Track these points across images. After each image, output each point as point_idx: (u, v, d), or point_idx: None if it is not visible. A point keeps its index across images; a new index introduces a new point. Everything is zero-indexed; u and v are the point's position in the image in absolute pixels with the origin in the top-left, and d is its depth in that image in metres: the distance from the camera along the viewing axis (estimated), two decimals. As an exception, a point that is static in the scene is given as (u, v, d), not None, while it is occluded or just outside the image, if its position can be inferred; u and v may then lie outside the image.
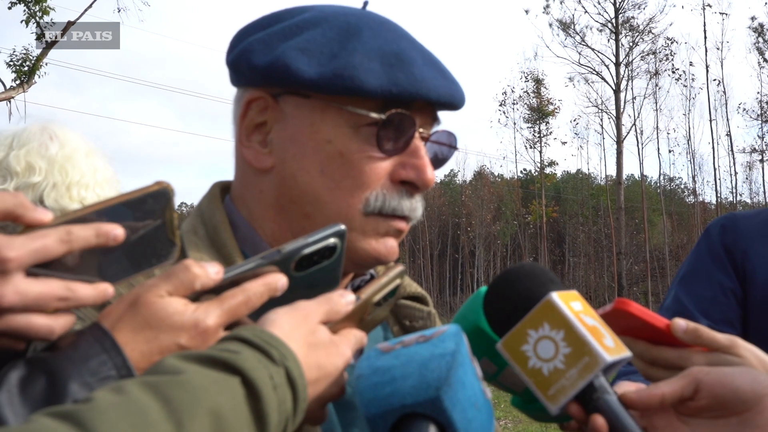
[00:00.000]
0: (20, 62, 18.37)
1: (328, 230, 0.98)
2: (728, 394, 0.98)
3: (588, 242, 46.55)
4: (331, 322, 0.93)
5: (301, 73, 1.13)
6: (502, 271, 1.10)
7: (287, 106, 1.18)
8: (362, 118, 1.15)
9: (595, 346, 0.96)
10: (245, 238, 1.22)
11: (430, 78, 1.17)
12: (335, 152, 1.16)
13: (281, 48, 1.16)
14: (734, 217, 1.99)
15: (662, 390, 1.01)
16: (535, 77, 46.15)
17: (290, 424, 0.82)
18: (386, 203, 1.17)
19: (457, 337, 0.89)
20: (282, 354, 0.82)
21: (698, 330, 1.17)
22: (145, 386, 0.73)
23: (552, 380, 0.98)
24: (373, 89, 1.12)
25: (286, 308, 0.90)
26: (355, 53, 1.14)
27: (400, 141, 1.17)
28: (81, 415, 0.68)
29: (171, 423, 0.70)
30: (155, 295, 0.86)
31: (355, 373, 0.88)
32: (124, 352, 0.83)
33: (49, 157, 2.15)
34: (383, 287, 1.02)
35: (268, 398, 0.78)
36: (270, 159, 1.20)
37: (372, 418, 0.84)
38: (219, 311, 0.88)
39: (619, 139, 36.12)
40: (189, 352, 0.80)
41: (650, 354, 1.20)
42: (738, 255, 1.90)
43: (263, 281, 0.92)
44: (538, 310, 1.00)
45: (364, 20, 1.21)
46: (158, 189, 0.91)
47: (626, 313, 1.14)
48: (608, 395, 0.98)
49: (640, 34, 37.88)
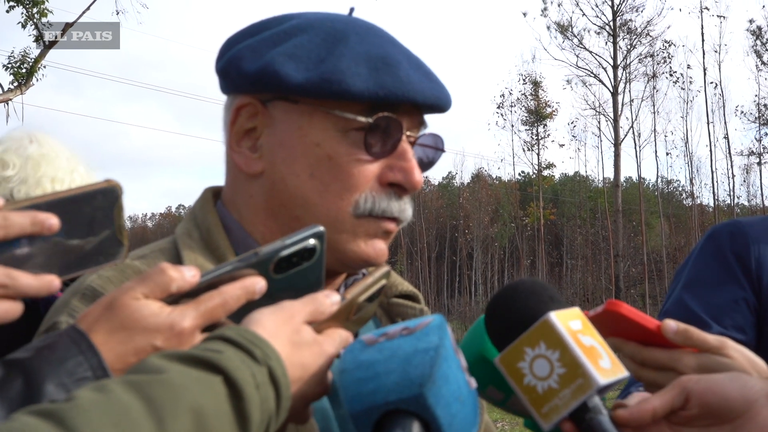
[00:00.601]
0: (18, 64, 18.33)
1: (306, 232, 0.98)
2: (719, 401, 0.99)
3: (586, 245, 46.51)
4: (316, 322, 0.94)
5: (289, 78, 1.15)
6: (504, 286, 1.11)
7: (276, 112, 1.20)
8: (350, 121, 1.17)
9: (589, 369, 0.96)
10: (238, 241, 1.24)
11: (417, 81, 1.19)
12: (324, 155, 1.18)
13: (270, 54, 1.18)
14: (741, 224, 1.95)
15: (653, 404, 1.01)
16: (532, 80, 46.17)
17: (273, 422, 0.83)
18: (376, 205, 1.19)
19: (441, 330, 0.89)
20: (265, 353, 0.82)
21: (688, 331, 1.18)
22: (127, 385, 0.73)
23: (546, 399, 0.98)
24: (359, 92, 1.14)
25: (271, 308, 0.91)
26: (342, 58, 1.16)
27: (387, 144, 1.19)
28: (63, 413, 0.68)
29: (153, 421, 0.70)
30: (131, 297, 0.87)
31: (339, 367, 0.88)
32: (100, 353, 0.83)
33: (25, 155, 2.15)
34: (369, 287, 1.02)
35: (250, 397, 0.78)
36: (260, 164, 1.22)
37: (356, 414, 0.84)
38: (195, 313, 0.89)
39: (616, 142, 36.10)
40: (172, 351, 0.80)
41: (641, 355, 1.21)
42: (752, 262, 1.87)
43: (240, 284, 0.92)
44: (536, 329, 1.00)
45: (351, 26, 1.23)
46: (107, 186, 0.91)
47: (617, 315, 1.15)
48: (601, 416, 0.98)
49: (637, 36, 37.87)
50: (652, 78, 39.56)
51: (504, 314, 1.05)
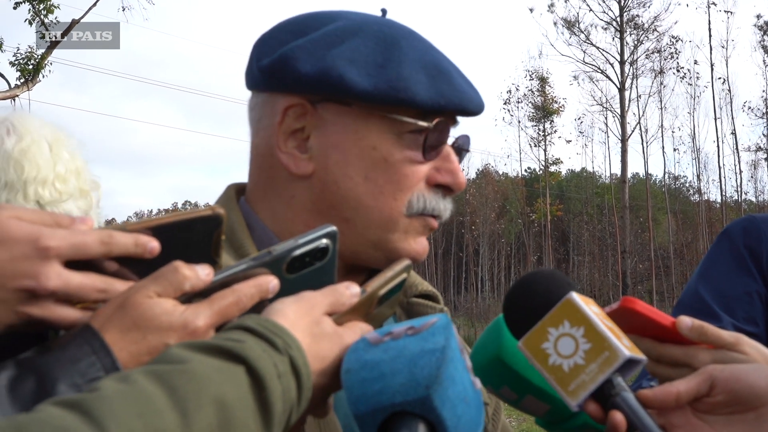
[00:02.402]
0: (25, 61, 18.41)
1: (318, 231, 0.98)
2: (744, 389, 0.99)
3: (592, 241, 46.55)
4: (337, 314, 0.93)
5: (355, 84, 1.16)
6: (522, 275, 1.13)
7: (327, 113, 1.21)
8: (407, 125, 1.19)
9: (614, 342, 0.99)
10: (261, 239, 1.24)
11: (467, 90, 1.24)
12: (380, 158, 1.20)
13: (329, 57, 1.18)
14: (755, 219, 1.99)
15: (677, 388, 1.02)
16: (539, 75, 46.17)
17: (294, 412, 0.83)
18: (428, 204, 1.23)
19: (447, 331, 0.89)
20: (286, 343, 0.82)
21: (703, 327, 1.17)
22: (151, 375, 0.73)
23: (572, 376, 1.00)
24: (423, 101, 1.17)
25: (292, 298, 0.91)
26: (402, 64, 1.19)
27: (438, 147, 1.23)
28: (88, 403, 0.69)
29: (177, 412, 0.71)
30: (144, 296, 0.87)
31: (344, 366, 0.87)
32: (114, 353, 0.83)
33: (3, 152, 1.96)
34: (389, 281, 1.02)
35: (272, 387, 0.78)
36: (310, 165, 1.22)
37: (361, 416, 0.83)
38: (209, 312, 0.88)
39: (623, 138, 36.11)
40: (194, 342, 0.80)
41: (656, 351, 1.21)
42: (763, 256, 1.91)
43: (254, 282, 0.92)
44: (559, 308, 1.02)
45: (397, 30, 1.25)
46: (210, 214, 0.95)
47: (632, 312, 1.15)
48: (626, 392, 0.99)
49: (644, 32, 37.87)
50: (659, 74, 39.55)
51: (525, 301, 1.07)
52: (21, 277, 0.84)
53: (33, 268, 0.84)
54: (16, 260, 0.84)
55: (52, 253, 0.85)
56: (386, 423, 0.83)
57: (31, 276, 0.84)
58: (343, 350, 0.90)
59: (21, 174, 1.96)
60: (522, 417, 12.56)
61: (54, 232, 0.86)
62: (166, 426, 0.70)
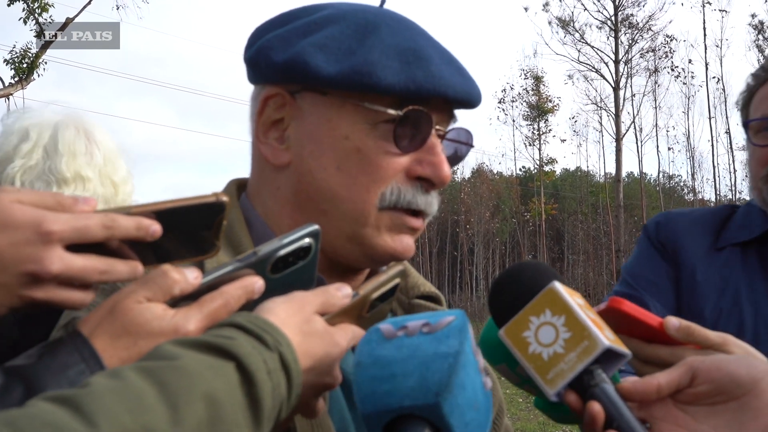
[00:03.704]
0: (19, 59, 18.34)
1: (302, 231, 0.99)
2: (725, 378, 1.00)
3: (587, 240, 46.48)
4: (328, 315, 0.94)
5: (320, 69, 1.14)
6: (508, 266, 1.12)
7: (304, 103, 1.20)
8: (379, 114, 1.16)
9: (594, 331, 0.98)
10: (260, 236, 1.23)
11: (448, 76, 1.18)
12: (352, 148, 1.17)
13: (300, 45, 1.17)
14: (669, 215, 2.25)
15: (658, 380, 1.02)
16: (534, 75, 46.07)
17: (284, 409, 0.83)
18: (401, 197, 1.18)
19: (462, 334, 0.88)
20: (276, 340, 0.83)
21: (690, 328, 1.19)
22: (142, 371, 0.74)
23: (551, 365, 1.00)
24: (390, 86, 1.13)
25: (282, 297, 0.91)
26: (373, 50, 1.15)
27: (417, 138, 1.18)
28: (78, 399, 0.69)
29: (167, 407, 0.71)
30: (134, 301, 0.87)
31: (355, 359, 0.87)
32: (103, 360, 0.84)
33: (95, 166, 2.14)
34: (382, 285, 1.03)
35: (262, 383, 0.79)
36: (287, 155, 1.21)
37: (367, 415, 0.84)
38: (199, 316, 0.89)
39: (618, 137, 36.09)
40: (185, 338, 0.81)
41: (644, 352, 1.22)
42: (671, 246, 2.13)
43: (240, 284, 0.93)
44: (541, 297, 1.02)
45: (382, 17, 1.22)
46: (214, 201, 0.95)
47: (620, 312, 1.16)
48: (605, 384, 0.99)
49: (639, 31, 37.82)
50: (653, 73, 39.51)
51: (509, 290, 1.07)
52: (24, 261, 0.85)
53: (36, 252, 0.85)
54: (19, 245, 0.85)
55: (55, 238, 0.85)
56: (392, 423, 0.84)
57: (34, 260, 0.85)
58: (333, 348, 0.91)
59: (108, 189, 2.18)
60: (516, 416, 12.56)
61: (57, 216, 0.86)
62: (156, 421, 0.70)
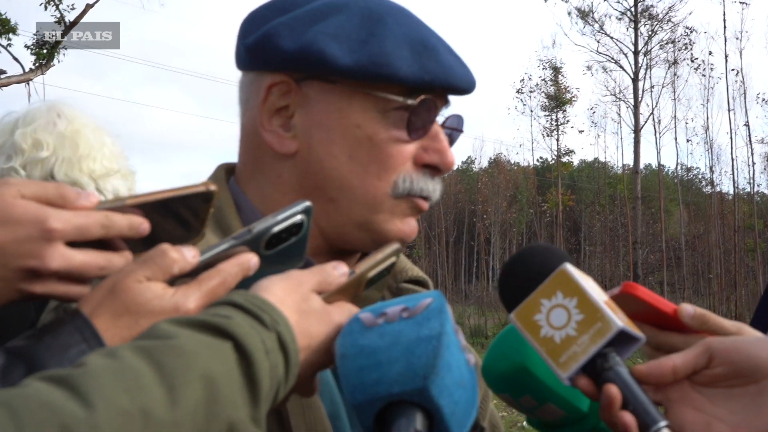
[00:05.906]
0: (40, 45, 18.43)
1: (295, 207, 1.00)
2: (744, 360, 0.98)
3: (604, 231, 46.23)
4: (325, 294, 0.94)
5: (336, 59, 1.15)
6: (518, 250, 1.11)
7: (311, 91, 1.20)
8: (390, 102, 1.17)
9: (607, 312, 0.97)
10: (249, 219, 1.23)
11: (454, 66, 1.20)
12: (364, 137, 1.18)
13: (311, 33, 1.17)
14: None
15: (674, 361, 1.01)
16: (552, 65, 45.73)
17: (282, 388, 0.83)
18: (414, 185, 1.21)
19: (442, 315, 0.88)
20: (274, 319, 0.83)
21: (705, 315, 1.17)
22: (138, 351, 0.73)
23: (563, 347, 0.98)
24: (406, 77, 1.15)
25: (279, 276, 0.92)
26: (386, 40, 1.16)
27: (425, 126, 1.20)
28: (74, 379, 0.69)
29: (164, 387, 0.71)
30: (134, 280, 0.88)
31: (339, 350, 0.88)
32: (104, 340, 0.84)
33: (57, 133, 2.15)
34: (378, 263, 1.03)
35: (260, 363, 0.78)
36: (294, 143, 1.21)
37: (358, 405, 0.84)
38: (198, 294, 0.90)
39: (636, 128, 35.82)
40: (182, 317, 0.81)
41: (657, 339, 1.21)
42: None
43: (236, 261, 0.94)
44: (552, 279, 1.01)
45: (384, 7, 1.22)
46: (204, 190, 0.97)
47: (633, 297, 1.15)
48: (620, 367, 0.98)
49: (659, 23, 37.42)
50: (673, 64, 39.10)
51: (520, 273, 1.07)
52: (25, 257, 0.86)
53: (37, 249, 0.86)
54: (21, 241, 0.86)
55: (57, 236, 0.87)
56: (384, 410, 0.84)
57: (35, 257, 0.86)
58: (330, 327, 0.91)
59: (76, 151, 2.16)
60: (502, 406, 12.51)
61: (59, 214, 0.88)
62: (152, 401, 0.69)
